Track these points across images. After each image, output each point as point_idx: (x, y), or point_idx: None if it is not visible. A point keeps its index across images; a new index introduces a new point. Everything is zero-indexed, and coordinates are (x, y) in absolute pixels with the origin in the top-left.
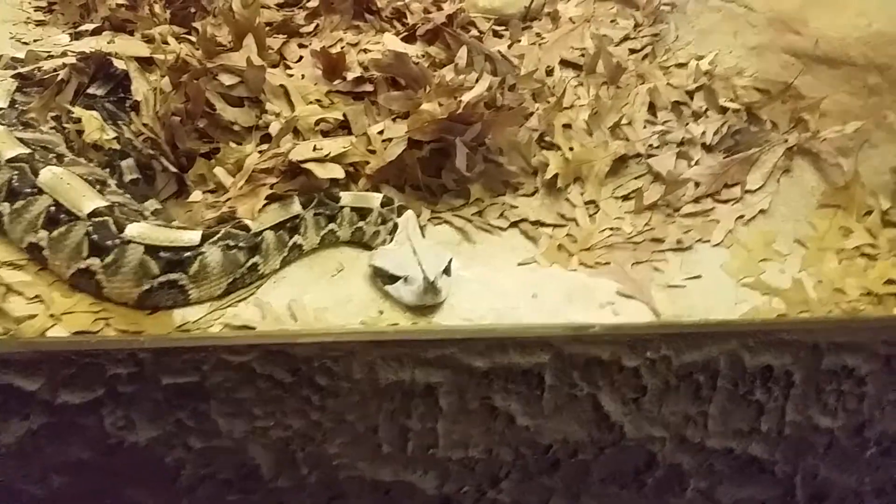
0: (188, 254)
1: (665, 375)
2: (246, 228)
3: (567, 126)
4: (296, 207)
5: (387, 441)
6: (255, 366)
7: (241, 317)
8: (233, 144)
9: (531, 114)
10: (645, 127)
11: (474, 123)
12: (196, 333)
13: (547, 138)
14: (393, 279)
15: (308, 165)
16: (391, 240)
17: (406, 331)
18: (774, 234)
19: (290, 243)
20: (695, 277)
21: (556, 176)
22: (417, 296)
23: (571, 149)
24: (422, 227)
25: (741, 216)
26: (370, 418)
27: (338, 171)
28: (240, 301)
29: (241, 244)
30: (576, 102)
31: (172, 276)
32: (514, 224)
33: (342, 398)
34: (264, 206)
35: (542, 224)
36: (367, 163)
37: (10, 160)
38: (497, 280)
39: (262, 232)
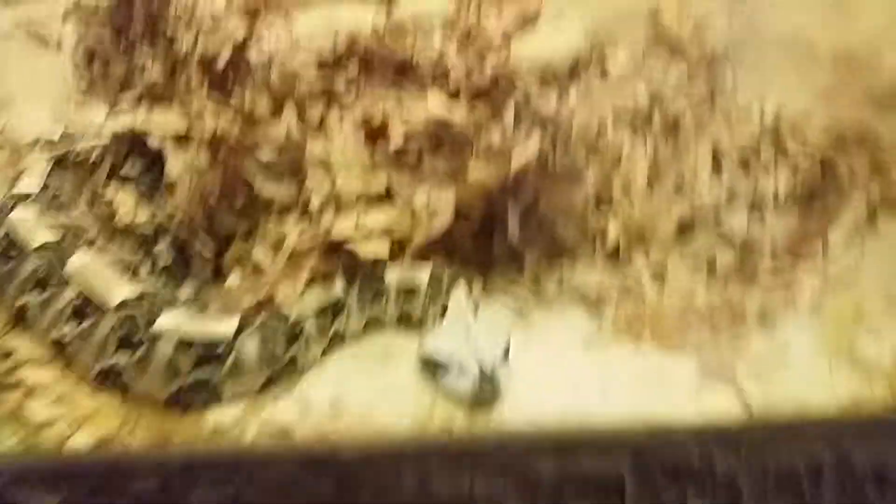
0: (221, 348)
1: (762, 480)
2: (284, 316)
3: (625, 187)
4: (338, 289)
5: None
6: (296, 478)
7: (278, 418)
8: (272, 224)
9: (585, 175)
10: (710, 183)
11: (526, 188)
12: (227, 443)
13: (605, 201)
14: (445, 370)
15: (351, 243)
16: (442, 320)
17: (463, 434)
18: (865, 298)
19: (333, 331)
20: (781, 355)
21: (617, 243)
22: (473, 390)
23: (632, 212)
24: (475, 305)
25: (826, 279)
26: None
27: (382, 249)
28: (278, 398)
29: (279, 334)
30: (632, 160)
31: (203, 373)
32: (574, 297)
33: None
34: (305, 289)
35: (605, 297)
36: (413, 238)
37: (37, 248)
38: (560, 364)
39: (301, 319)
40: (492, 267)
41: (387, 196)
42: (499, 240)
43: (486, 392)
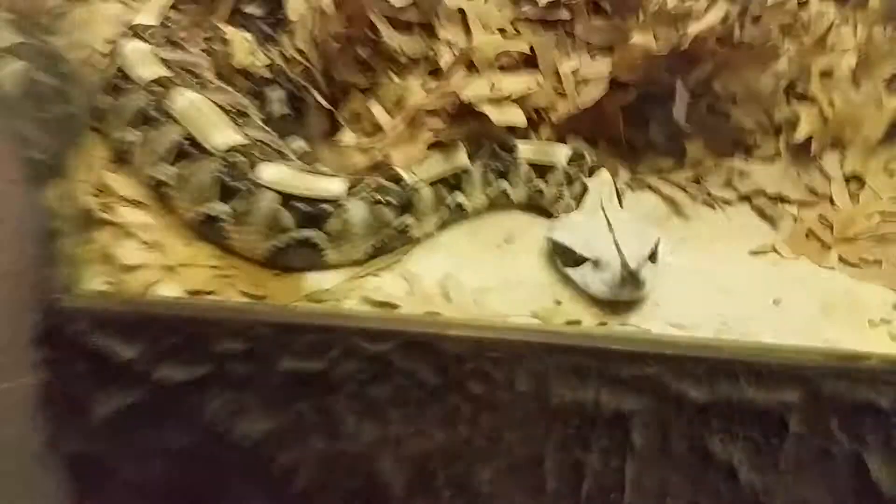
0: (328, 207)
1: None
2: (399, 180)
3: (827, 74)
4: (461, 158)
5: (554, 476)
6: (394, 357)
7: (383, 290)
8: (396, 79)
9: (779, 55)
10: None
11: (702, 63)
12: (326, 308)
13: (799, 89)
14: (578, 261)
15: (483, 107)
16: (578, 207)
17: (593, 335)
18: None
19: (451, 202)
20: None
21: (809, 139)
22: (611, 287)
23: (832, 104)
24: (619, 194)
25: None
26: (536, 444)
27: (518, 116)
28: (384, 269)
29: (391, 199)
30: (839, 45)
31: (307, 232)
32: (744, 197)
33: (501, 413)
34: (426, 154)
35: (785, 200)
36: (555, 108)
37: (148, 83)
38: (722, 273)
39: (418, 186)
40: (646, 153)
41: (530, 59)
42: (658, 121)
43: (625, 292)
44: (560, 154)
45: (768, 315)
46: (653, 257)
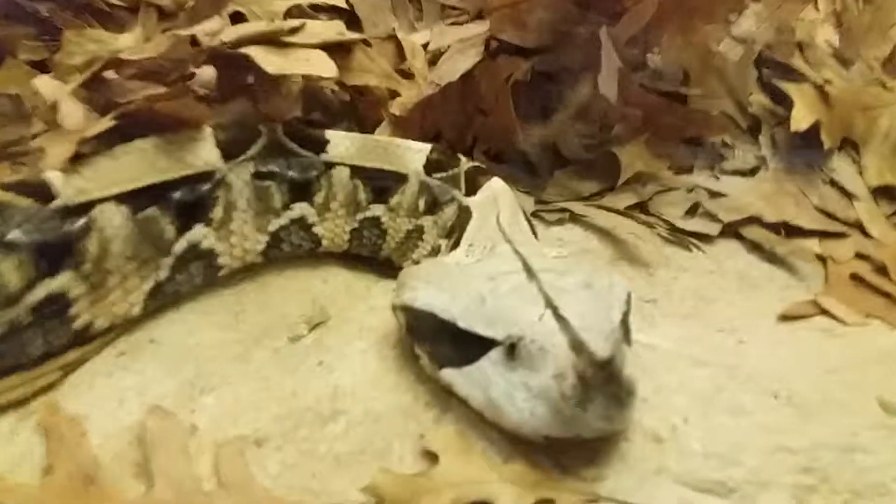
0: None
1: None
2: (47, 198)
3: (807, 47)
4: (206, 154)
5: None
6: None
7: None
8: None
9: (744, 4)
10: None
11: (634, 12)
12: None
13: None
14: (472, 350)
15: (251, 51)
16: (452, 246)
17: None
18: None
19: (180, 248)
20: None
21: (813, 131)
22: (559, 404)
23: (829, 82)
24: (529, 219)
25: None
26: None
27: (323, 64)
28: None
29: (23, 238)
30: (805, 14)
31: None
32: (729, 228)
33: None
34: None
35: (796, 231)
36: (396, 94)
37: None
38: (755, 361)
39: (94, 217)
40: (555, 165)
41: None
42: (572, 108)
43: (593, 416)
44: (411, 156)
45: (882, 438)
46: (626, 331)
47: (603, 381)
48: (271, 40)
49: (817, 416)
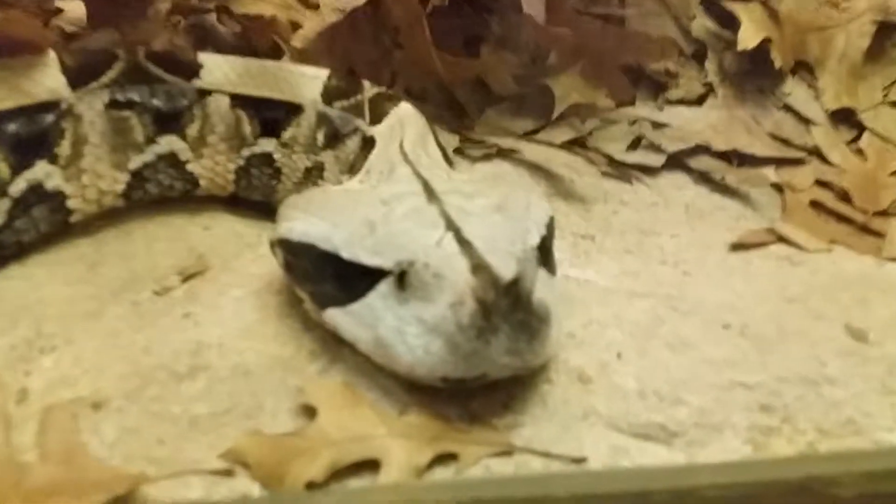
0: None
1: None
2: None
3: None
4: (48, 81)
5: None
6: None
7: None
8: None
9: None
10: None
11: None
12: None
13: None
14: (359, 283)
15: None
16: (352, 177)
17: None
18: None
19: (19, 189)
20: None
21: (759, 52)
22: (456, 337)
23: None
24: (444, 148)
25: None
26: None
27: None
28: None
29: None
30: None
31: None
32: (675, 160)
33: None
34: None
35: (745, 158)
36: (298, 27)
37: None
38: (699, 292)
39: None
40: (482, 101)
41: None
42: (497, 37)
43: (497, 350)
44: (306, 82)
45: (853, 367)
46: (546, 257)
47: (508, 308)
48: None
49: (776, 348)
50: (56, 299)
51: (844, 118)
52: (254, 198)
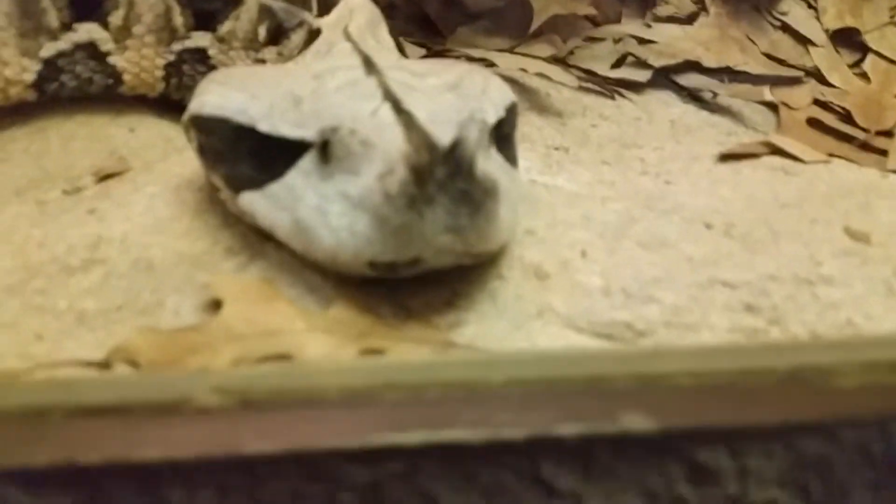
0: None
1: None
2: None
3: None
4: None
5: None
6: None
7: None
8: None
9: None
10: None
11: None
12: None
13: None
14: (271, 160)
15: None
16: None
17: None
18: None
19: None
20: None
21: None
22: (385, 210)
23: None
24: (399, 42)
25: None
26: None
27: None
28: None
29: None
30: None
31: None
32: (663, 74)
33: None
34: None
35: (737, 76)
36: None
37: None
38: (683, 195)
39: None
40: (456, 17)
41: None
42: None
43: (434, 225)
44: None
45: (853, 267)
46: (505, 144)
47: (446, 177)
48: None
49: (766, 248)
50: None
51: (847, 39)
52: (186, 100)
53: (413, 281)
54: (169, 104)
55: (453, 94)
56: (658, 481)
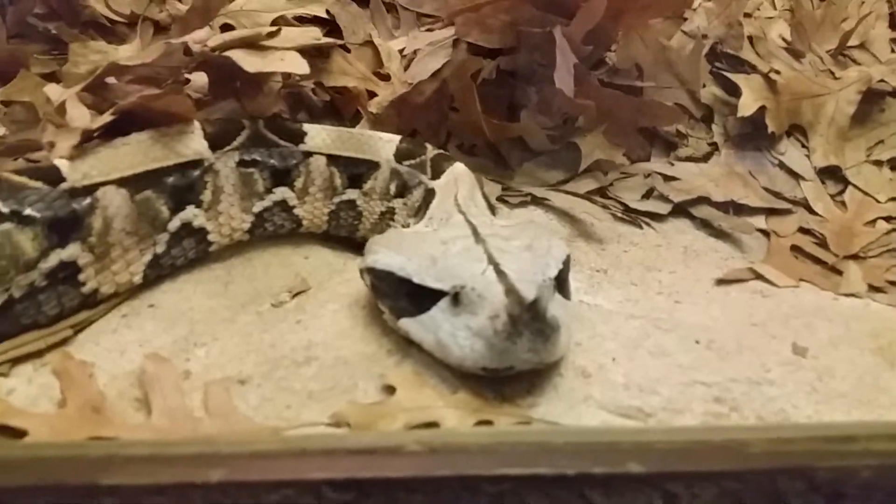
0: None
1: None
2: (55, 180)
3: (759, 39)
4: (195, 145)
5: None
6: None
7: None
8: (99, 45)
9: (692, 4)
10: (893, 52)
11: (588, 9)
12: None
13: (727, 50)
14: (423, 301)
15: (233, 54)
16: (418, 222)
17: (476, 445)
18: None
19: (175, 225)
20: None
21: (759, 117)
22: (491, 339)
23: (777, 72)
24: (488, 198)
25: None
26: None
27: (297, 64)
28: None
29: (33, 213)
30: (761, 12)
31: None
32: (681, 209)
33: None
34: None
35: (742, 209)
36: (374, 95)
37: None
38: (687, 316)
39: (96, 202)
40: (521, 158)
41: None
42: (532, 103)
43: (520, 349)
44: (382, 145)
45: (789, 373)
46: (562, 285)
47: (530, 320)
48: (252, 44)
49: (733, 357)
50: (201, 308)
51: (832, 174)
52: (341, 234)
53: (507, 378)
54: (329, 238)
55: (530, 254)
56: (644, 500)
